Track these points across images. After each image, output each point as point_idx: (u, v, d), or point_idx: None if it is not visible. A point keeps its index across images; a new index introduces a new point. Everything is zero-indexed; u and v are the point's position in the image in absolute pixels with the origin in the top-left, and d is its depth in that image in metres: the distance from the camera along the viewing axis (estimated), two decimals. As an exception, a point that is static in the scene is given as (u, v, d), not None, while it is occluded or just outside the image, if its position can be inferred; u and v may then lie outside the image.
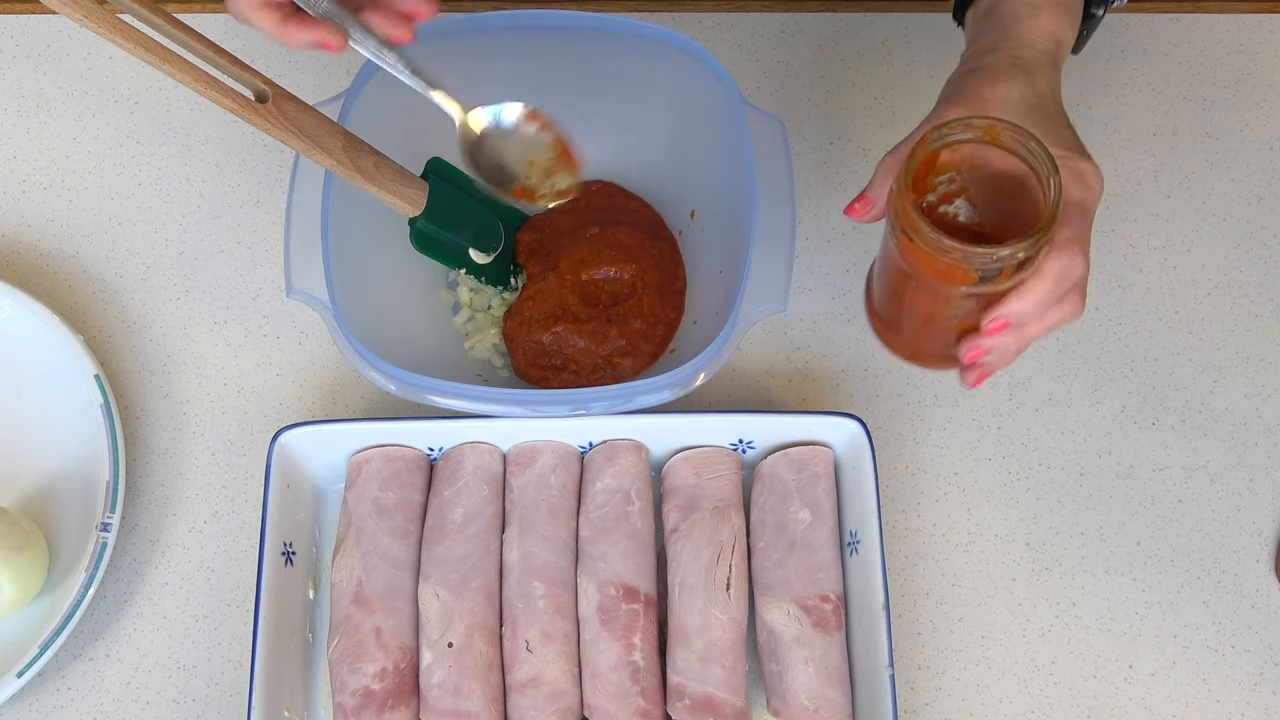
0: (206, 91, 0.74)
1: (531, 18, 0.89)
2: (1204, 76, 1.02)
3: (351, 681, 0.81)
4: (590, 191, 0.96)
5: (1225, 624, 0.88)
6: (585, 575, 0.84)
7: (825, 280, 0.97)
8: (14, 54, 1.04)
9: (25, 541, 0.85)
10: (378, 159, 0.83)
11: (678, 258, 0.95)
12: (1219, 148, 1.00)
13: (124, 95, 1.03)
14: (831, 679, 0.81)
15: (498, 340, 0.93)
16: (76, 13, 0.70)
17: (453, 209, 0.89)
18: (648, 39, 0.88)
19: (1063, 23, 0.82)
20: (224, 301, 0.97)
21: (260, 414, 0.93)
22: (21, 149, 1.01)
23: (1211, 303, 0.96)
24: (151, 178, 1.01)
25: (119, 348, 0.95)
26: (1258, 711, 0.85)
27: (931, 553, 0.89)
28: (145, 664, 0.87)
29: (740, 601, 0.83)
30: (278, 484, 0.85)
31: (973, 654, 0.87)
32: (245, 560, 0.89)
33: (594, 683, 0.81)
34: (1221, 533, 0.90)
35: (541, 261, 0.93)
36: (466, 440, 0.88)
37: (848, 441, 0.86)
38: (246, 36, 1.04)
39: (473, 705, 0.81)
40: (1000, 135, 0.70)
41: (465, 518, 0.85)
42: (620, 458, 0.87)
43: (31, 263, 0.98)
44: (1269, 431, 0.92)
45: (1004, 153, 0.71)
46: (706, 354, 0.81)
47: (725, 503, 0.86)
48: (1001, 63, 0.80)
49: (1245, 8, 1.05)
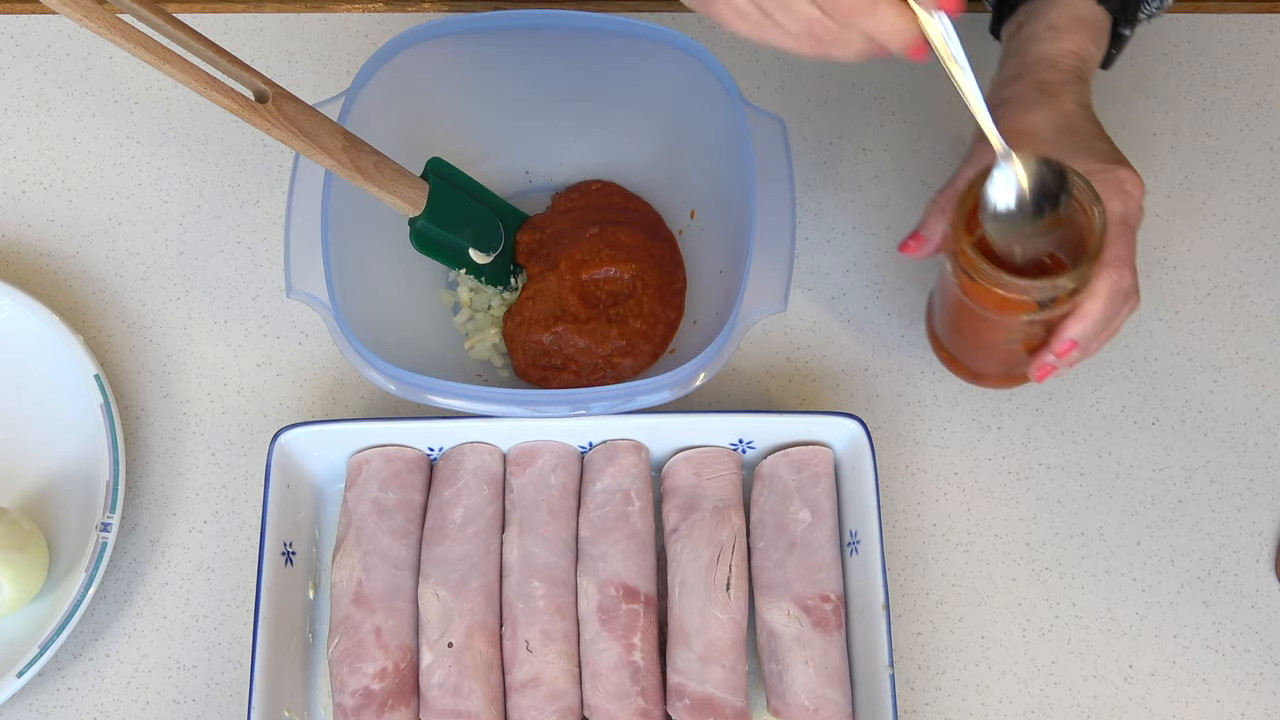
0: (206, 91, 0.74)
1: (532, 18, 0.89)
2: (1204, 76, 1.02)
3: (351, 681, 0.81)
4: (590, 191, 0.96)
5: (1225, 624, 0.88)
6: (585, 575, 0.84)
7: (825, 280, 0.97)
8: (14, 54, 1.04)
9: (25, 541, 0.85)
10: (378, 159, 0.83)
11: (678, 258, 0.95)
12: (1219, 148, 1.00)
13: (124, 95, 1.03)
14: (831, 679, 0.81)
15: (498, 340, 0.93)
16: (76, 13, 0.70)
17: (453, 209, 0.89)
18: (648, 39, 0.88)
19: (1085, 41, 0.84)
20: (224, 301, 0.97)
21: (260, 414, 0.93)
22: (21, 149, 1.01)
23: (1211, 303, 0.96)
24: (151, 178, 1.01)
25: (119, 348, 0.95)
26: (1258, 711, 0.85)
27: (931, 553, 0.89)
28: (145, 664, 0.87)
29: (740, 601, 0.83)
30: (278, 484, 0.85)
31: (973, 654, 0.87)
32: (245, 560, 0.89)
33: (594, 683, 0.81)
34: (1221, 533, 0.90)
35: (541, 261, 0.93)
36: (466, 440, 0.88)
37: (848, 441, 0.86)
38: (246, 36, 1.05)
39: (473, 705, 0.81)
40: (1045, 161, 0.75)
41: (465, 518, 0.85)
42: (620, 458, 0.87)
43: (31, 263, 0.98)
44: (1269, 431, 0.92)
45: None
46: (706, 354, 0.81)
47: (725, 503, 0.86)
48: (1026, 91, 0.82)
49: (1245, 8, 1.05)
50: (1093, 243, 0.74)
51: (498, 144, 0.96)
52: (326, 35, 1.05)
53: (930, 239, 0.83)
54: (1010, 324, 0.79)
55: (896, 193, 0.99)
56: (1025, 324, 0.78)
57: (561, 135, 0.97)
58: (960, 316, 0.82)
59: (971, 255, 0.74)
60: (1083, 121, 0.82)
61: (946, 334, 0.87)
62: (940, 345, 0.89)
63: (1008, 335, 0.81)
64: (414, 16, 1.06)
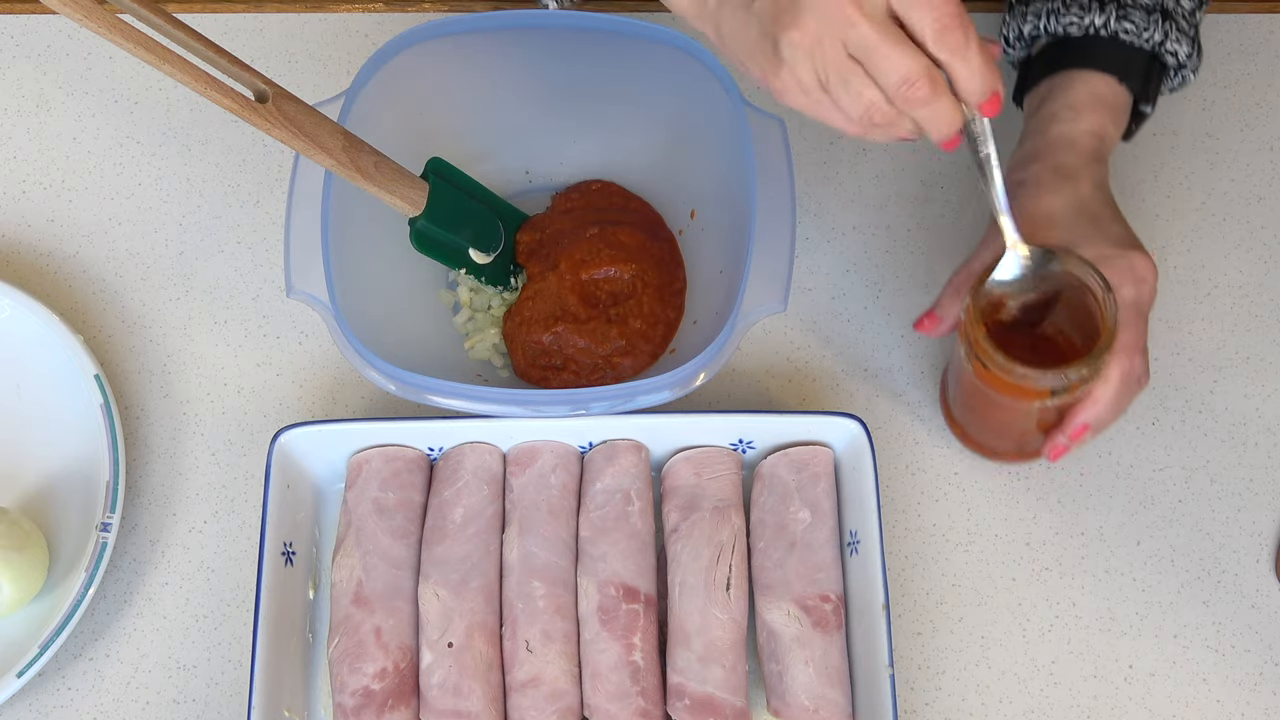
0: (206, 91, 0.74)
1: (532, 18, 0.89)
2: (1204, 76, 1.02)
3: (351, 681, 0.81)
4: (590, 191, 0.96)
5: (1225, 624, 0.88)
6: (585, 575, 0.84)
7: (825, 280, 0.97)
8: (14, 54, 1.04)
9: (25, 541, 0.85)
10: (378, 159, 0.83)
11: (678, 258, 0.95)
12: (1219, 148, 1.00)
13: (124, 95, 1.03)
14: (831, 679, 0.81)
15: (498, 340, 0.93)
16: (76, 13, 0.70)
17: (453, 209, 0.89)
18: (648, 39, 0.88)
19: (1105, 121, 0.85)
20: (224, 301, 0.97)
21: (260, 414, 0.93)
22: (21, 149, 1.01)
23: (1211, 303, 0.96)
24: (151, 178, 1.01)
25: (119, 348, 0.95)
26: (1258, 711, 0.85)
27: (931, 553, 0.89)
28: (145, 664, 0.87)
29: (740, 601, 0.83)
30: (278, 484, 0.85)
31: (973, 654, 0.87)
32: (245, 560, 0.89)
33: (594, 683, 0.81)
34: (1221, 533, 0.90)
35: (541, 261, 0.93)
36: (466, 440, 0.88)
37: (848, 441, 0.86)
38: (246, 36, 1.05)
39: (473, 705, 0.81)
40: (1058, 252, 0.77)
41: (465, 518, 0.85)
42: (620, 458, 0.87)
43: (31, 263, 0.98)
44: (1269, 431, 0.92)
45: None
46: (706, 354, 0.81)
47: (725, 503, 0.86)
48: (1044, 174, 0.83)
49: (1245, 8, 1.05)
50: (1105, 334, 0.75)
51: (498, 144, 0.96)
52: (326, 35, 1.05)
53: (945, 319, 0.84)
54: (1024, 408, 0.81)
55: (896, 193, 0.99)
56: (1038, 408, 0.80)
57: (561, 135, 0.97)
58: (974, 398, 0.84)
59: (985, 345, 0.76)
60: (1099, 205, 0.83)
61: (961, 412, 0.88)
62: (954, 420, 0.90)
63: (1022, 418, 0.83)
64: (414, 16, 1.06)
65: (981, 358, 0.77)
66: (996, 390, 0.79)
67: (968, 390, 0.84)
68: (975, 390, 0.81)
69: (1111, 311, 0.76)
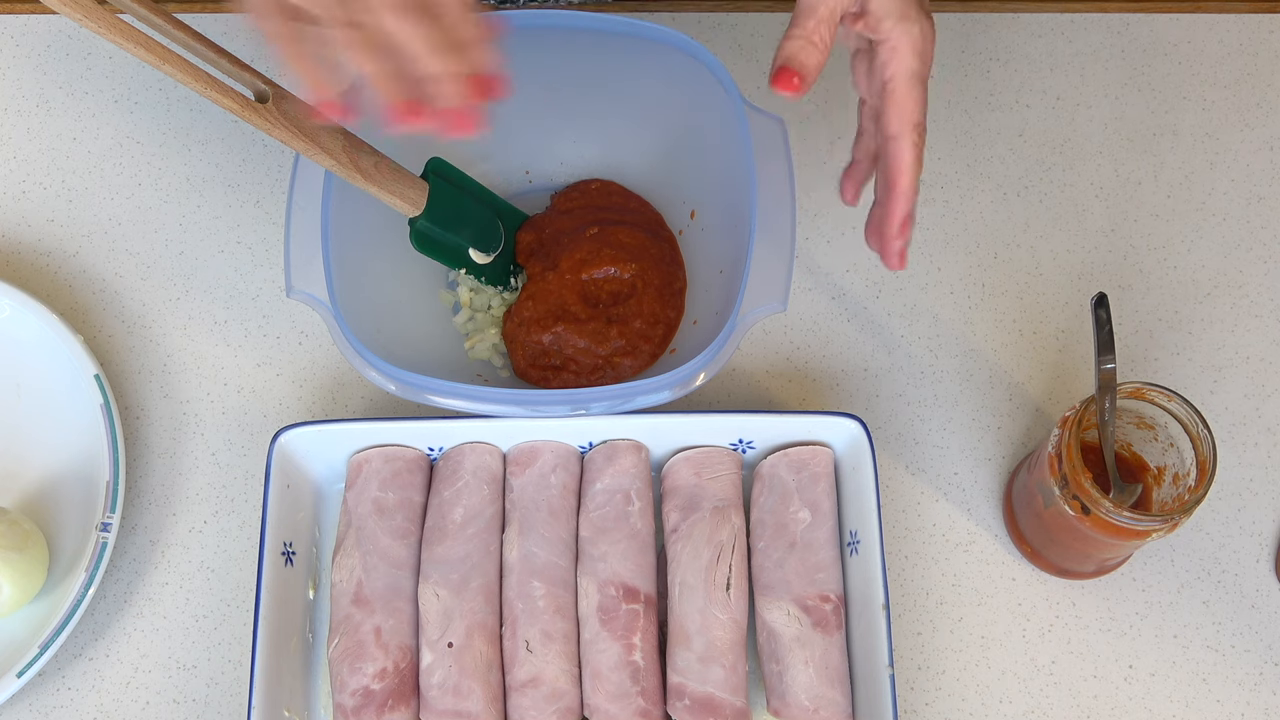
0: (206, 91, 0.74)
1: (532, 18, 0.89)
2: (1204, 76, 1.02)
3: (351, 681, 0.81)
4: (590, 191, 0.96)
5: (1225, 624, 0.88)
6: (585, 575, 0.84)
7: (825, 280, 0.97)
8: (14, 54, 1.04)
9: (25, 541, 0.85)
10: (378, 159, 0.83)
11: (678, 258, 0.95)
12: (1219, 148, 1.00)
13: (124, 95, 1.03)
14: (831, 679, 0.81)
15: (498, 340, 0.93)
16: (76, 12, 0.70)
17: (453, 209, 0.89)
18: (648, 39, 0.88)
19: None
20: (224, 301, 0.97)
21: (260, 414, 0.93)
22: (21, 149, 1.01)
23: (1211, 303, 0.96)
24: (151, 178, 1.01)
25: (119, 348, 0.95)
26: (1258, 711, 0.85)
27: (931, 553, 0.89)
28: (145, 664, 0.87)
29: (740, 601, 0.83)
30: (278, 484, 0.85)
31: (973, 654, 0.87)
32: (245, 560, 0.89)
33: (594, 683, 0.81)
34: (1221, 533, 0.90)
35: (541, 261, 0.93)
36: (466, 440, 0.88)
37: (848, 441, 0.86)
38: (246, 36, 1.05)
39: (473, 705, 0.81)
40: (1145, 394, 0.78)
41: (465, 518, 0.85)
42: (620, 458, 0.87)
43: (31, 263, 0.98)
44: (1269, 431, 0.92)
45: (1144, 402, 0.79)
46: (706, 354, 0.81)
47: (725, 503, 0.86)
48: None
49: (1245, 8, 1.05)
50: (1204, 477, 0.77)
51: (498, 144, 0.96)
52: (326, 35, 1.05)
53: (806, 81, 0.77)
54: (1125, 545, 0.81)
55: (896, 193, 0.99)
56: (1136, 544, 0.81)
57: (561, 135, 0.97)
58: (1064, 533, 0.82)
59: (1093, 493, 0.76)
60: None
61: (1039, 539, 0.87)
62: (1025, 542, 0.88)
63: (1117, 550, 0.83)
64: (414, 16, 1.06)
65: (1087, 503, 0.77)
66: (1099, 532, 0.78)
67: (1053, 525, 0.82)
68: (1067, 527, 0.80)
69: (1210, 450, 0.76)
